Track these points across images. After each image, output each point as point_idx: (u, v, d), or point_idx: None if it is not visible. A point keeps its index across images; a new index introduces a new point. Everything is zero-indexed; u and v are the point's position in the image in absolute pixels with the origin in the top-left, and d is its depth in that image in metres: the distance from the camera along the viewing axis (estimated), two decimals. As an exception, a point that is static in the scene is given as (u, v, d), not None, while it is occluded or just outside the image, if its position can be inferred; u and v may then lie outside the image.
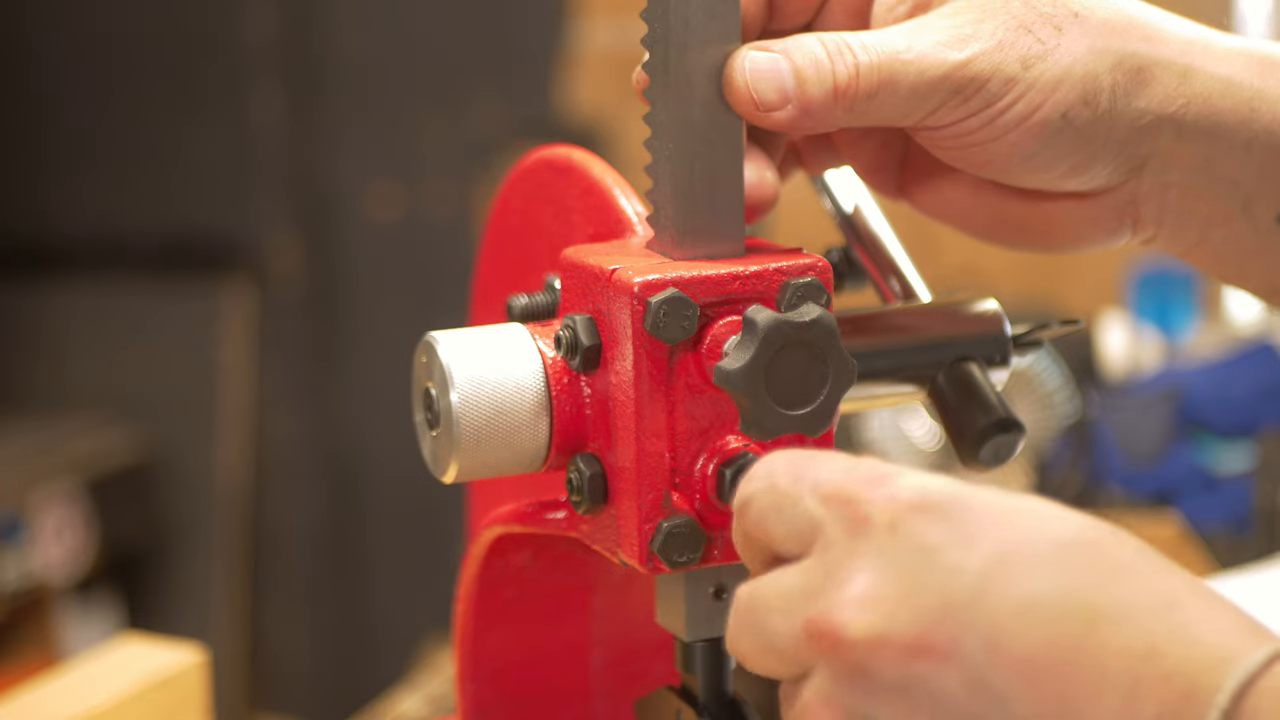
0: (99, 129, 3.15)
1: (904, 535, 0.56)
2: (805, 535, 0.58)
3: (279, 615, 3.14)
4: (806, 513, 0.58)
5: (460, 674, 0.81)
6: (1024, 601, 0.54)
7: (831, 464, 0.59)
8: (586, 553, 0.73)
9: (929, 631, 0.54)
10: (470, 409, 0.68)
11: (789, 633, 0.57)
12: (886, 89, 0.69)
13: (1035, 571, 0.54)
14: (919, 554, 0.55)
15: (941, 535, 0.55)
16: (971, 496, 0.57)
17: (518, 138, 2.97)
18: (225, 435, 3.05)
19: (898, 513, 0.56)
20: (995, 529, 0.55)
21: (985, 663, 0.53)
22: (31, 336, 3.14)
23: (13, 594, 2.74)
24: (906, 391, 0.75)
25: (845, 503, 0.57)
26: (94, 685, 1.06)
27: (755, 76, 0.68)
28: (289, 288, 3.09)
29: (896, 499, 0.57)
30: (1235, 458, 1.88)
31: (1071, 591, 0.54)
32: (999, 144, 0.71)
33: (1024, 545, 0.55)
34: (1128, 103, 0.71)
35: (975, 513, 0.56)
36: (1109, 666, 0.52)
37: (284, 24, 3.03)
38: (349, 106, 3.06)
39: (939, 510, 0.56)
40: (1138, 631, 0.53)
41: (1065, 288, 2.76)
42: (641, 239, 0.72)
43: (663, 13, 0.67)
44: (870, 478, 0.58)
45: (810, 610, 0.57)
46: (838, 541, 0.57)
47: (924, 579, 0.55)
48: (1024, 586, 0.54)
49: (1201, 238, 0.76)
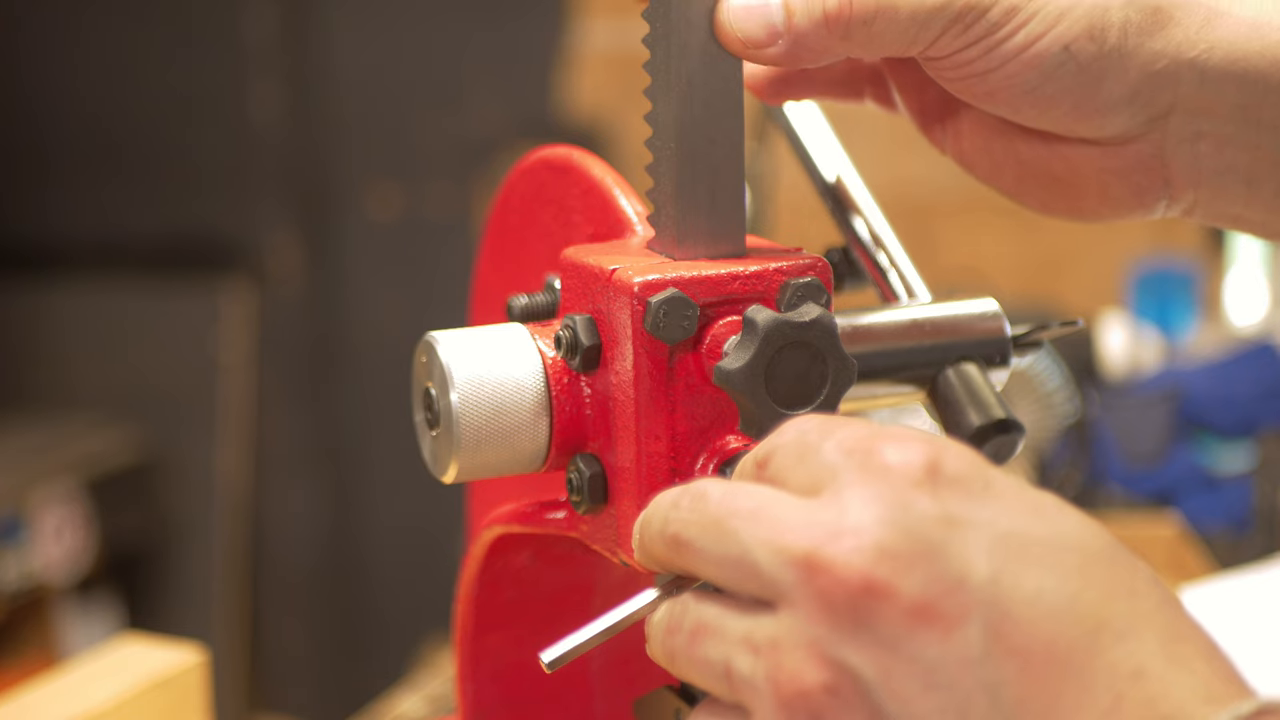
0: (99, 129, 3.15)
1: (925, 497, 0.54)
2: (819, 479, 0.56)
3: (279, 615, 3.15)
4: (826, 460, 0.56)
5: (460, 674, 0.81)
6: (1034, 594, 0.53)
7: (857, 425, 0.57)
8: (586, 553, 0.73)
9: (940, 600, 0.53)
10: (470, 409, 0.68)
11: (774, 556, 0.55)
12: (885, 16, 0.67)
13: (1051, 569, 0.53)
14: (938, 522, 0.54)
15: (960, 508, 0.54)
16: (991, 474, 0.56)
17: (518, 138, 2.97)
18: (225, 435, 3.05)
19: (920, 473, 0.55)
20: (1016, 516, 0.55)
21: (984, 646, 0.53)
22: (32, 336, 3.14)
23: (13, 594, 2.74)
24: (906, 391, 0.75)
25: (867, 453, 0.56)
26: (94, 685, 1.06)
27: (741, 15, 0.67)
28: (289, 288, 3.09)
29: (915, 458, 0.55)
30: (1235, 458, 1.88)
31: (1081, 597, 0.53)
32: (998, 74, 0.69)
33: (1044, 543, 0.54)
34: (1140, 42, 0.69)
35: (995, 493, 0.55)
36: (1097, 679, 0.52)
37: (284, 24, 3.03)
38: (349, 106, 3.06)
39: (958, 482, 0.55)
40: (1132, 651, 0.52)
41: (1065, 288, 2.77)
42: (641, 239, 0.72)
43: (664, 12, 0.67)
44: (892, 435, 0.56)
45: (809, 540, 0.54)
46: (855, 484, 0.55)
47: (941, 549, 0.53)
48: (1037, 580, 0.53)
49: (1249, 195, 0.73)
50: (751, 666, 0.55)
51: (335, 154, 3.07)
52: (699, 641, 0.57)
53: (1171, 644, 0.53)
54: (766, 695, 0.55)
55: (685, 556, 0.58)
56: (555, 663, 0.62)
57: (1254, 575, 1.39)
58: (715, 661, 0.57)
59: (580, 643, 0.62)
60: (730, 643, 0.56)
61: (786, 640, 0.54)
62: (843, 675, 0.53)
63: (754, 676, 0.55)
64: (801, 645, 0.54)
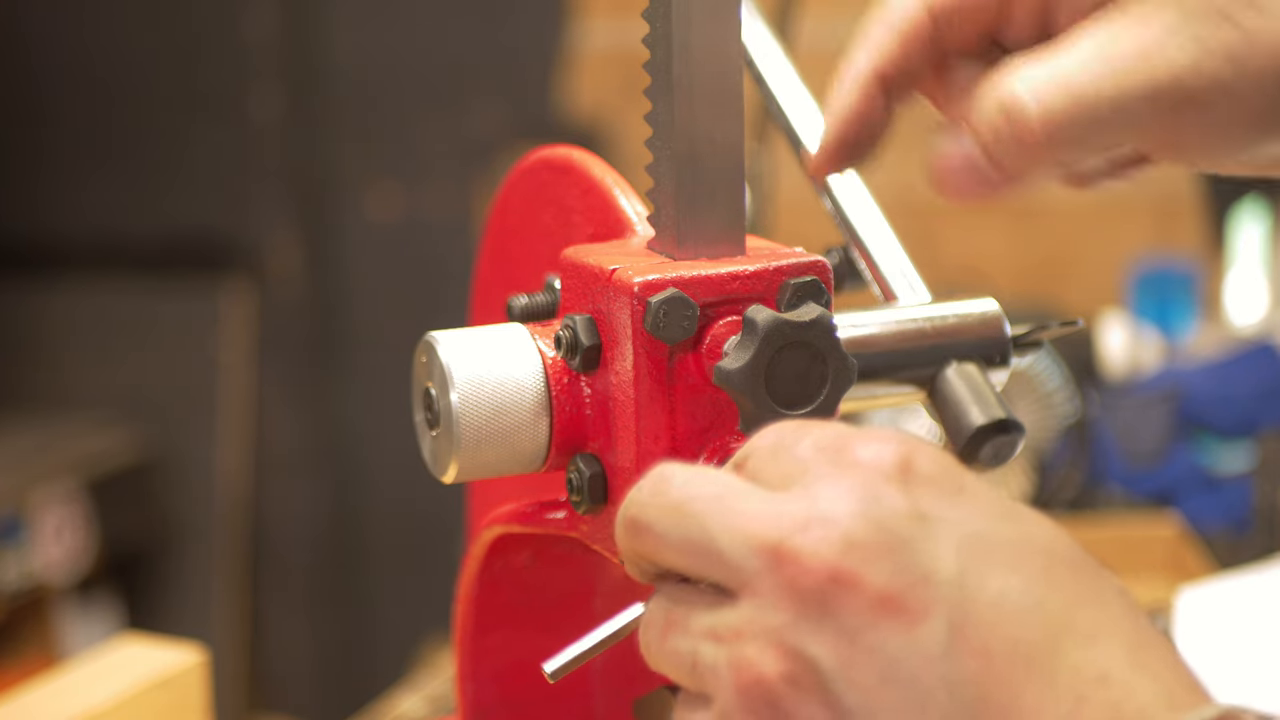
0: (99, 129, 3.15)
1: (895, 493, 0.55)
2: (790, 474, 0.56)
3: (279, 615, 3.15)
4: (799, 457, 0.57)
5: (460, 674, 0.81)
6: (999, 595, 0.53)
7: (836, 426, 0.58)
8: (586, 553, 0.73)
9: (904, 592, 0.53)
10: (470, 409, 0.68)
11: (740, 544, 0.55)
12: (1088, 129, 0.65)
13: (1017, 571, 0.54)
14: (908, 518, 0.54)
15: (930, 506, 0.55)
16: (962, 475, 0.56)
17: (518, 138, 2.97)
18: (225, 435, 3.05)
19: (890, 469, 0.55)
20: (986, 518, 0.55)
21: (947, 643, 0.53)
22: (31, 336, 3.14)
23: (13, 594, 2.74)
24: (906, 391, 0.75)
25: (838, 450, 0.56)
26: (94, 685, 1.06)
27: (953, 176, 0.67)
28: (289, 288, 3.09)
29: (885, 454, 0.55)
30: (1235, 458, 1.88)
31: (1047, 600, 0.53)
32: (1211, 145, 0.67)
33: (1012, 545, 0.54)
34: None
35: (966, 495, 0.55)
36: (1059, 680, 0.52)
37: (284, 24, 3.03)
38: (349, 106, 3.06)
39: (930, 481, 0.55)
40: (1097, 656, 0.52)
41: (1065, 288, 2.77)
42: (641, 239, 0.72)
43: (664, 12, 0.67)
44: (863, 434, 0.57)
45: (776, 529, 0.54)
46: (826, 476, 0.55)
47: (910, 544, 0.54)
48: (1003, 580, 0.53)
49: None
50: (714, 655, 0.55)
51: (335, 154, 3.07)
52: (669, 634, 0.58)
53: (1137, 650, 0.53)
54: (727, 683, 0.55)
55: (646, 541, 0.58)
56: (557, 672, 0.62)
57: (1254, 575, 1.39)
58: (684, 653, 0.57)
59: (582, 651, 0.62)
60: (696, 634, 0.56)
61: (748, 629, 0.54)
62: (802, 665, 0.54)
63: (716, 665, 0.55)
64: (762, 634, 0.54)
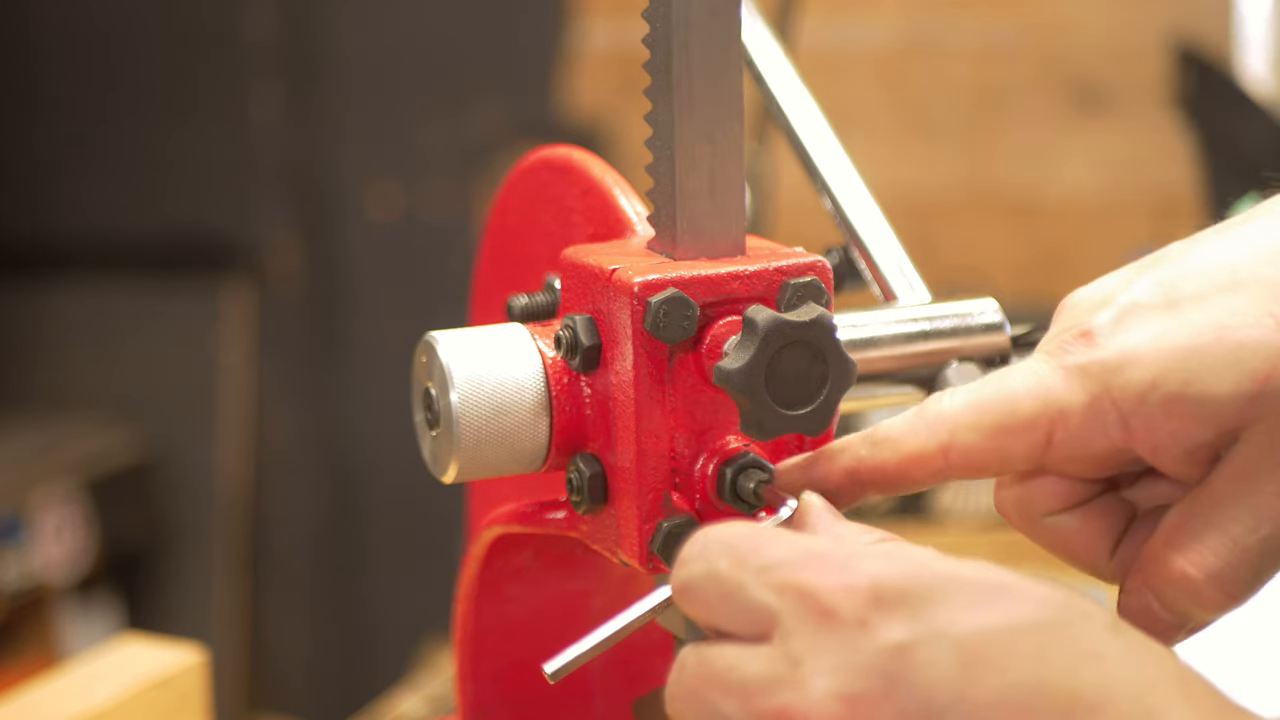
0: (98, 128, 3.15)
1: (873, 633, 0.54)
2: (760, 623, 0.56)
3: (279, 615, 3.15)
4: (759, 601, 0.56)
5: (460, 674, 0.81)
6: (1001, 694, 0.53)
7: (774, 548, 0.57)
8: (586, 553, 0.73)
9: None
10: (470, 409, 0.68)
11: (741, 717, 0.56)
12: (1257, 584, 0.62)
13: (1010, 662, 0.53)
14: (891, 654, 0.54)
15: (907, 631, 0.54)
16: (930, 579, 0.55)
17: (518, 138, 2.97)
18: (225, 435, 3.05)
19: (861, 607, 0.54)
20: (962, 615, 0.54)
21: None
22: (31, 336, 3.14)
23: (13, 594, 2.74)
24: (906, 391, 0.75)
25: (802, 595, 0.55)
26: (94, 685, 1.06)
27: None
28: (289, 288, 3.09)
29: (854, 590, 0.55)
30: (1235, 458, 1.87)
31: (1048, 679, 0.53)
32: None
33: (996, 636, 0.54)
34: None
35: (936, 599, 0.55)
36: None
37: (284, 23, 3.03)
38: (349, 106, 3.06)
39: (901, 602, 0.54)
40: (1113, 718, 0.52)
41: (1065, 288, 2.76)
42: (641, 239, 0.72)
43: (664, 12, 0.67)
44: (822, 564, 0.56)
45: (772, 701, 0.55)
46: (800, 632, 0.55)
47: (901, 679, 0.53)
48: (1000, 679, 0.53)
49: None
50: None
51: (335, 154, 3.07)
52: None
53: (1144, 698, 0.53)
54: None
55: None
56: (558, 673, 0.62)
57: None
58: None
59: (582, 652, 0.62)
60: None
61: None
62: None
63: None
64: None
